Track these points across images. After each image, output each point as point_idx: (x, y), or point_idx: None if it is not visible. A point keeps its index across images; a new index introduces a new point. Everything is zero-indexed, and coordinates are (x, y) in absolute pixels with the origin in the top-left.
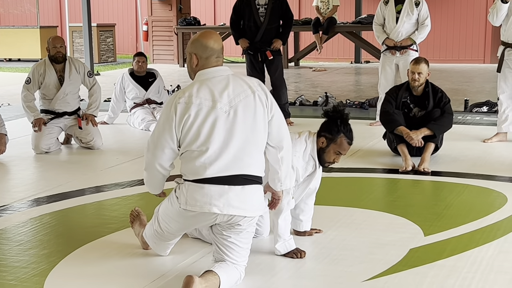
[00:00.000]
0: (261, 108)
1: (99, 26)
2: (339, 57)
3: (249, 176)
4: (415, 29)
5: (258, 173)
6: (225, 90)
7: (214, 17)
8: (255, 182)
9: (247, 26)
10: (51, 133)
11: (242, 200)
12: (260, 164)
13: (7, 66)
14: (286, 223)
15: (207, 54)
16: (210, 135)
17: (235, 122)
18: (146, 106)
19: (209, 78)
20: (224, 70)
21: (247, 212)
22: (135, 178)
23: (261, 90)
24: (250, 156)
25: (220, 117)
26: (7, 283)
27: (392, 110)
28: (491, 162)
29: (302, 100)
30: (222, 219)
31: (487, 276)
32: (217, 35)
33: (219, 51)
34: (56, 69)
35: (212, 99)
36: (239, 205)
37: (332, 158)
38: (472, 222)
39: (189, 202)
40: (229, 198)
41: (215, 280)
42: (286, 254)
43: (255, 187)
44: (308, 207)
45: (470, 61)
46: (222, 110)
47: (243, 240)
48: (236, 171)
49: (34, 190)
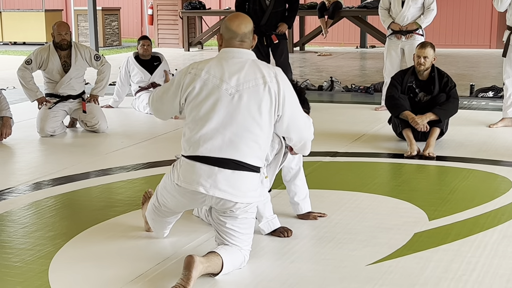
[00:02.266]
0: (268, 101)
1: (104, 10)
2: (344, 42)
3: (243, 163)
4: (421, 13)
5: (255, 163)
6: (236, 73)
7: (219, 1)
8: (250, 169)
9: (253, 9)
10: (56, 116)
11: (231, 185)
12: (258, 156)
13: (12, 49)
14: (264, 202)
15: (228, 35)
16: (210, 112)
17: (239, 107)
18: (151, 90)
19: (228, 57)
20: (246, 53)
21: (235, 197)
22: (140, 161)
23: (275, 83)
24: (247, 145)
25: (223, 98)
26: (12, 265)
27: (397, 95)
28: (496, 147)
29: (307, 85)
30: (211, 201)
31: (491, 260)
32: (244, 19)
33: (243, 35)
34: (61, 55)
35: (221, 79)
36: (226, 189)
37: None
38: (477, 207)
39: (180, 177)
40: (217, 180)
41: (217, 261)
42: (273, 233)
43: (249, 174)
44: (298, 188)
45: (476, 46)
46: (227, 92)
47: (241, 226)
48: (230, 155)
49: (39, 173)
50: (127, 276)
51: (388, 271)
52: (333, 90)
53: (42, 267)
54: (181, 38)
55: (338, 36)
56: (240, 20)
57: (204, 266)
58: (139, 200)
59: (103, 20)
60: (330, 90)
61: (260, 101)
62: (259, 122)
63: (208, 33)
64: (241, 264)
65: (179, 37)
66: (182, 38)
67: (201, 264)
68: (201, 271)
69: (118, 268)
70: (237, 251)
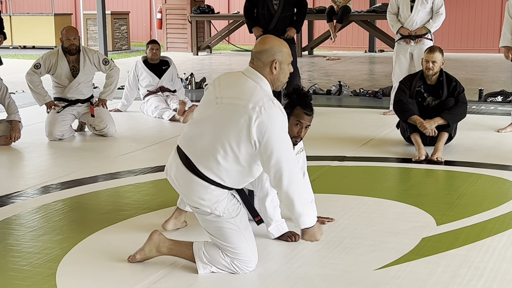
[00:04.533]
0: (244, 131)
1: (113, 14)
2: (353, 46)
3: (197, 169)
4: (429, 17)
5: (210, 176)
6: (232, 87)
7: (228, 5)
8: (202, 178)
9: (261, 14)
10: (64, 120)
11: (183, 184)
12: (217, 174)
13: (22, 53)
14: (274, 206)
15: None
16: (201, 112)
17: (218, 116)
18: (160, 94)
19: (241, 72)
20: (249, 72)
21: (182, 194)
22: (148, 165)
23: (255, 119)
24: (207, 157)
25: (212, 103)
26: (20, 268)
27: (405, 99)
28: (505, 152)
29: (316, 89)
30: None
31: (499, 265)
32: (263, 39)
33: (253, 54)
34: (69, 60)
35: (218, 87)
36: (179, 184)
37: (296, 131)
38: (485, 212)
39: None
40: (177, 173)
41: (185, 249)
42: (281, 237)
43: (200, 181)
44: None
45: (485, 51)
46: (216, 99)
47: (209, 228)
48: (194, 158)
49: (47, 177)
50: (134, 281)
51: (396, 275)
52: (341, 94)
53: (49, 270)
54: (189, 42)
55: (347, 41)
56: (258, 41)
57: (167, 245)
58: (147, 204)
59: (112, 24)
60: (338, 95)
61: (232, 121)
62: (225, 141)
63: (216, 37)
64: (228, 268)
65: (187, 41)
66: (190, 42)
67: (160, 242)
68: (158, 247)
69: (125, 272)
70: (215, 251)
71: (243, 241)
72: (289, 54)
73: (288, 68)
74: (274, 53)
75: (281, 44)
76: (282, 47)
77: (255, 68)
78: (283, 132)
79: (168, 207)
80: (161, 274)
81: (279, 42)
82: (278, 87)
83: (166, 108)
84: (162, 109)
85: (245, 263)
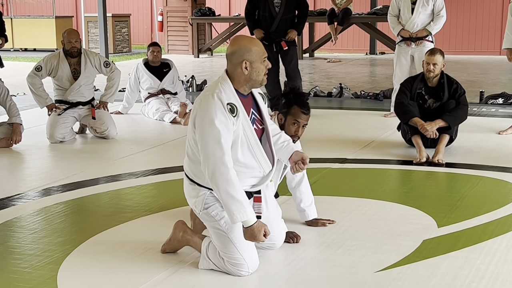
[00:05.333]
0: (191, 123)
1: (115, 16)
2: (354, 48)
3: (185, 171)
4: (430, 20)
5: (189, 174)
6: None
7: (229, 8)
8: (187, 176)
9: (262, 16)
10: (65, 123)
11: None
12: (192, 170)
13: (23, 55)
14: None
15: None
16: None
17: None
18: (161, 96)
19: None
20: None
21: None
22: (149, 167)
23: (195, 109)
24: (188, 158)
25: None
26: (21, 271)
27: (406, 101)
28: (506, 154)
29: (317, 91)
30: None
31: (500, 268)
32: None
33: (226, 56)
34: (71, 62)
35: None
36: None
37: (293, 130)
38: (486, 214)
39: None
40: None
41: (199, 242)
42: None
43: (187, 180)
44: (304, 194)
45: (486, 53)
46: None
47: (210, 230)
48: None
49: (48, 179)
50: (136, 283)
51: (397, 278)
52: (342, 96)
53: (50, 273)
54: (190, 45)
55: (348, 43)
56: (230, 42)
57: (187, 235)
58: (148, 206)
59: (113, 26)
60: (339, 97)
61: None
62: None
63: (217, 39)
64: (223, 268)
65: (188, 44)
66: (191, 44)
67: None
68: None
69: (126, 274)
70: (215, 249)
71: (230, 245)
72: (259, 52)
73: (262, 66)
74: (242, 53)
75: (250, 43)
76: (250, 46)
77: (228, 70)
78: (211, 125)
79: (170, 209)
80: (163, 275)
81: (248, 41)
82: (255, 85)
83: (167, 111)
84: (163, 112)
85: (236, 267)
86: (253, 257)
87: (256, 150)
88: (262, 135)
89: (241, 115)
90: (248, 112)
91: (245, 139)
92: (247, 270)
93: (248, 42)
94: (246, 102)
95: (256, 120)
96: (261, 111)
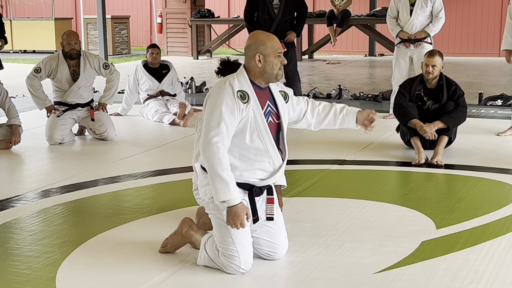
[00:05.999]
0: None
1: (114, 18)
2: (353, 50)
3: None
4: (429, 21)
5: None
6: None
7: (228, 10)
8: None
9: (261, 18)
10: (64, 124)
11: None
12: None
13: (22, 57)
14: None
15: None
16: None
17: None
18: (160, 98)
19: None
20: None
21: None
22: (148, 169)
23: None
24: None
25: None
26: (20, 272)
27: (405, 103)
28: (504, 155)
29: (316, 93)
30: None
31: (499, 269)
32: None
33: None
34: (70, 64)
35: None
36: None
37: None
38: (485, 215)
39: None
40: None
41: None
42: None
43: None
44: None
45: (485, 54)
46: None
47: (213, 221)
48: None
49: (47, 181)
50: (135, 284)
51: (395, 279)
52: (341, 98)
53: (49, 274)
54: (190, 47)
55: (347, 44)
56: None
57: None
58: (147, 208)
59: (113, 28)
60: (338, 98)
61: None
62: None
63: (217, 41)
64: (217, 261)
65: (188, 46)
66: (191, 46)
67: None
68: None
69: (125, 276)
70: (213, 241)
71: (228, 236)
72: (274, 47)
73: (276, 61)
74: (257, 46)
75: (266, 38)
76: (265, 40)
77: (245, 63)
78: (216, 107)
79: (168, 210)
80: (162, 276)
81: (264, 36)
82: (269, 78)
83: (166, 112)
84: (162, 113)
85: (229, 259)
86: (247, 253)
87: (265, 138)
88: (279, 131)
89: (252, 102)
90: (263, 104)
91: (255, 126)
92: (238, 265)
93: (264, 36)
94: (262, 94)
95: (272, 114)
96: (278, 106)
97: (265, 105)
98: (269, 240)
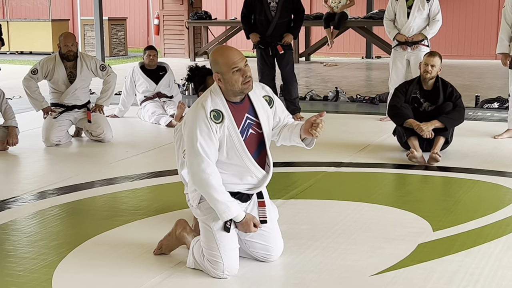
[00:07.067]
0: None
1: (111, 20)
2: (350, 52)
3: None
4: (426, 24)
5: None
6: None
7: (225, 11)
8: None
9: (258, 20)
10: (61, 126)
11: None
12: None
13: (19, 59)
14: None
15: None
16: None
17: None
18: (157, 99)
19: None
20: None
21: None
22: (145, 171)
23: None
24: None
25: None
26: (16, 274)
27: (399, 104)
28: (501, 158)
29: (313, 95)
30: None
31: (495, 272)
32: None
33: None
34: (67, 66)
35: None
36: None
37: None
38: (481, 218)
39: None
40: None
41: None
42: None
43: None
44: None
45: (481, 57)
46: None
47: (200, 226)
48: None
49: (44, 182)
50: (131, 286)
51: (392, 281)
52: (338, 100)
53: (45, 276)
54: (187, 48)
55: (344, 47)
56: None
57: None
58: (144, 210)
59: (110, 30)
60: (335, 101)
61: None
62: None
63: (214, 43)
64: (202, 266)
65: (185, 47)
66: (188, 48)
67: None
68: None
69: (121, 278)
70: (200, 246)
71: (213, 242)
72: (228, 63)
73: (234, 76)
74: (213, 66)
75: (219, 56)
76: (218, 58)
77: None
78: (193, 136)
79: (165, 212)
80: (158, 278)
81: (218, 53)
82: (237, 94)
83: (163, 114)
84: (159, 115)
85: (213, 264)
86: (231, 259)
87: (242, 155)
88: (263, 141)
89: (226, 121)
90: (241, 118)
91: (231, 144)
92: (222, 271)
93: (217, 54)
94: (238, 109)
95: (252, 125)
96: (258, 116)
97: (243, 119)
98: (263, 243)
